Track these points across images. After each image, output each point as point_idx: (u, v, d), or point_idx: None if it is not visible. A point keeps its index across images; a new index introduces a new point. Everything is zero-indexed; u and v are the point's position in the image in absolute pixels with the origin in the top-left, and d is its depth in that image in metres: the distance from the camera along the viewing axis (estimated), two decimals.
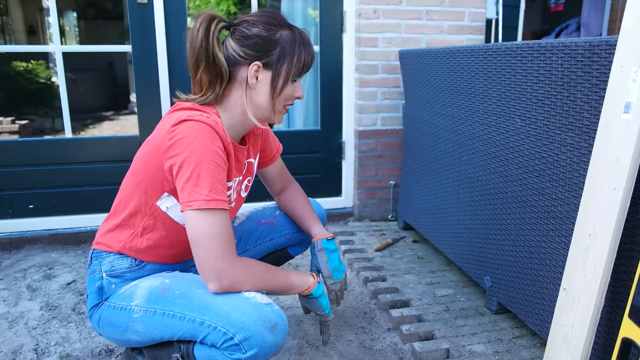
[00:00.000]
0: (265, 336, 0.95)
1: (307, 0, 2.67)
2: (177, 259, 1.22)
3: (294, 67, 1.10)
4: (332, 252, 1.36)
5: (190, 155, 0.98)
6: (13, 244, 2.27)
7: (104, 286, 1.13)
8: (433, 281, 1.93)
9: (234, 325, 0.95)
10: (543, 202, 1.36)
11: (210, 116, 1.04)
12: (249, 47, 1.06)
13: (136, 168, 1.11)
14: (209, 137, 1.00)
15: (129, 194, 1.12)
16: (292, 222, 1.50)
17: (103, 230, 1.18)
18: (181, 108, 1.08)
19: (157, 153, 1.05)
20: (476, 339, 1.53)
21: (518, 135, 1.45)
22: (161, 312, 1.03)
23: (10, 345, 1.52)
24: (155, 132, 1.10)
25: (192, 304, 1.01)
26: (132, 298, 1.08)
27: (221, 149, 1.02)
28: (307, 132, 2.61)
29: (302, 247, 1.56)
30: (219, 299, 0.99)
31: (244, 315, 0.95)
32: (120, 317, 1.09)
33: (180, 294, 1.03)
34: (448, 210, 1.95)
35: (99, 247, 1.17)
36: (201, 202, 0.96)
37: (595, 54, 1.11)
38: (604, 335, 1.15)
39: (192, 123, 1.00)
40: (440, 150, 1.98)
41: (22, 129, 4.19)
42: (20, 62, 4.70)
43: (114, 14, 6.19)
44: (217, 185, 0.99)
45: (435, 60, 1.89)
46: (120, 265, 1.14)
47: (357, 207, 2.63)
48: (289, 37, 1.09)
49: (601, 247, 1.03)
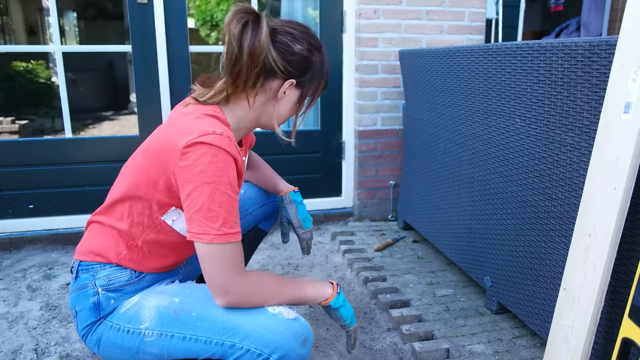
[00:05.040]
0: (298, 351, 0.97)
1: (307, 0, 2.67)
2: (175, 266, 1.19)
3: (319, 90, 1.13)
4: (300, 203, 1.43)
5: (201, 186, 0.92)
6: (13, 244, 2.27)
7: (101, 302, 1.04)
8: (433, 281, 1.93)
9: (269, 346, 0.94)
10: (543, 202, 1.36)
11: (224, 132, 0.95)
12: (290, 64, 1.03)
13: (135, 181, 1.03)
14: (224, 166, 0.93)
15: (128, 206, 1.05)
16: (253, 197, 1.48)
17: (92, 239, 1.09)
18: (193, 112, 1.01)
19: (163, 167, 0.98)
20: (476, 339, 1.53)
21: (518, 135, 1.45)
22: (180, 336, 0.99)
23: (10, 345, 1.52)
24: (160, 137, 1.01)
25: (217, 326, 0.97)
26: (139, 320, 1.01)
27: (234, 177, 0.96)
28: (307, 132, 2.61)
29: (271, 219, 1.55)
30: (245, 319, 0.97)
31: (276, 334, 0.95)
32: (128, 341, 1.02)
33: (199, 316, 0.99)
34: (448, 210, 1.95)
35: (88, 259, 1.07)
36: (212, 237, 0.92)
37: (595, 54, 1.11)
38: (604, 335, 1.15)
39: (206, 148, 0.92)
40: (440, 150, 1.98)
41: (22, 129, 4.18)
42: (20, 62, 4.70)
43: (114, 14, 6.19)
44: (230, 218, 0.94)
45: (435, 60, 1.89)
46: (119, 277, 1.06)
47: (357, 207, 2.63)
48: (320, 61, 1.09)
49: (601, 247, 1.03)
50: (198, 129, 0.94)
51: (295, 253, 2.25)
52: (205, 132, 0.93)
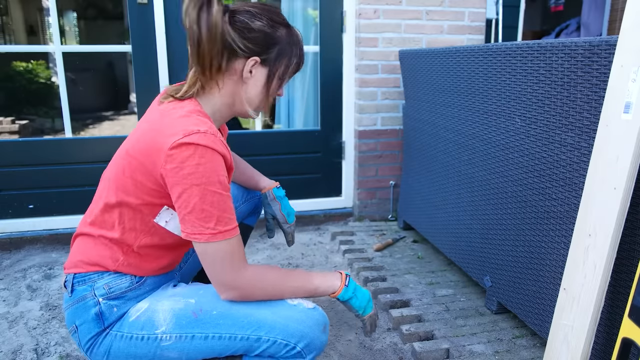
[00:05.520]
0: (321, 338, 1.01)
1: (307, 0, 2.67)
2: (173, 265, 1.17)
3: (290, 68, 1.08)
4: (283, 198, 1.46)
5: (190, 188, 0.91)
6: (13, 244, 2.27)
7: (103, 311, 1.01)
8: (433, 281, 1.93)
9: (294, 336, 0.98)
10: (543, 202, 1.36)
11: (208, 129, 0.94)
12: (250, 41, 1.02)
13: (121, 186, 1.00)
14: (212, 166, 0.92)
15: (118, 214, 1.02)
16: (233, 195, 1.46)
17: (84, 250, 1.05)
18: (173, 110, 0.98)
19: (149, 170, 0.96)
20: (476, 339, 1.53)
21: (518, 135, 1.45)
22: (202, 336, 0.99)
23: (10, 345, 1.52)
24: (141, 139, 0.98)
25: (240, 321, 0.98)
26: (154, 325, 1.00)
27: (224, 175, 0.95)
28: (307, 132, 2.61)
29: (255, 214, 1.56)
30: (267, 312, 0.99)
31: (300, 324, 0.99)
32: (143, 348, 1.00)
33: (220, 314, 0.99)
34: (448, 210, 1.95)
35: (82, 270, 1.03)
36: (208, 237, 0.92)
37: (595, 54, 1.11)
38: (604, 335, 1.15)
39: (193, 149, 0.90)
40: (440, 150, 1.98)
41: (22, 129, 4.18)
42: (20, 62, 4.70)
43: (114, 14, 6.19)
44: (224, 216, 0.93)
45: (435, 60, 1.89)
46: (120, 284, 1.03)
47: (357, 207, 2.63)
48: (287, 37, 1.06)
49: (601, 247, 1.03)
50: (182, 129, 0.92)
51: (295, 253, 2.25)
52: (190, 131, 0.91)
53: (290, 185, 2.60)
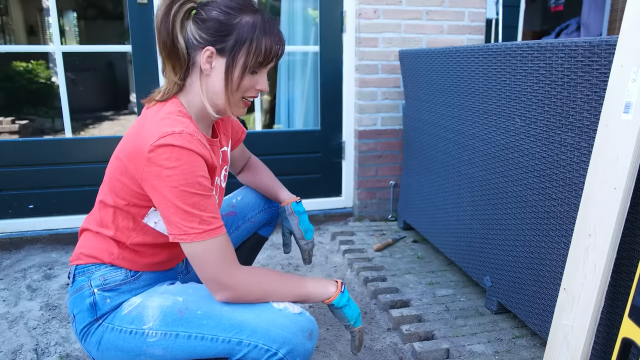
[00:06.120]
0: (305, 345, 0.97)
1: (307, 0, 2.67)
2: (171, 262, 1.18)
3: (252, 56, 0.99)
4: (302, 214, 1.40)
5: (170, 191, 0.91)
6: (13, 244, 2.27)
7: (97, 302, 1.03)
8: (433, 281, 1.93)
9: (276, 341, 0.95)
10: (543, 202, 1.36)
11: (184, 129, 0.93)
12: (203, 31, 0.98)
13: (112, 187, 1.03)
14: (189, 168, 0.91)
15: (112, 213, 1.05)
16: (251, 204, 1.46)
17: (85, 243, 1.09)
18: (156, 113, 0.99)
19: (132, 174, 0.98)
20: (476, 339, 1.53)
21: (518, 135, 1.45)
22: (186, 335, 0.98)
23: (10, 345, 1.52)
24: (127, 143, 1.00)
25: (222, 323, 0.97)
26: (143, 320, 1.00)
27: (203, 175, 0.94)
28: (307, 132, 2.61)
29: (270, 225, 1.53)
30: (250, 315, 0.97)
31: (283, 329, 0.96)
32: (130, 342, 1.01)
33: (204, 314, 0.98)
34: (448, 210, 1.95)
35: (83, 261, 1.07)
36: (193, 236, 0.92)
37: (595, 54, 1.11)
38: (604, 335, 1.15)
39: (168, 151, 0.90)
40: (440, 150, 1.98)
41: (22, 129, 4.18)
42: (20, 62, 4.69)
43: (114, 14, 6.18)
44: (206, 216, 0.93)
45: (435, 60, 1.89)
46: (114, 277, 1.05)
47: (357, 207, 2.63)
48: (249, 23, 0.98)
49: (601, 247, 1.03)
50: (158, 131, 0.92)
51: (295, 253, 2.25)
52: (164, 133, 0.91)
53: (290, 185, 2.60)
